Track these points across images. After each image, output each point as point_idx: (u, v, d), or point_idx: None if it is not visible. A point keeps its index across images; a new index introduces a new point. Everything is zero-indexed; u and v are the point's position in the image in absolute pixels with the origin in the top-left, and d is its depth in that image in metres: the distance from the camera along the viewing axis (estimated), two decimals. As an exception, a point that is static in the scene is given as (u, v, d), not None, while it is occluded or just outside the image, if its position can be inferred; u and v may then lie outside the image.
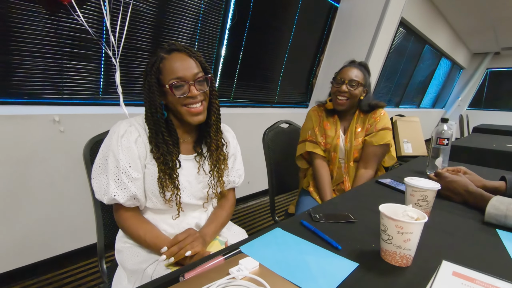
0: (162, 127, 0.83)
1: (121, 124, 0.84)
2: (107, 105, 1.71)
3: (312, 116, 1.45)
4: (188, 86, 0.81)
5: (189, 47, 0.86)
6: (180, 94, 0.81)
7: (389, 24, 2.98)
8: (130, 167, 0.81)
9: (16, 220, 1.47)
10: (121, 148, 0.81)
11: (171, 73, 0.81)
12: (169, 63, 0.81)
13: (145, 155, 0.85)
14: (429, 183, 0.80)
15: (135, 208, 0.88)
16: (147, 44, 1.80)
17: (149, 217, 0.90)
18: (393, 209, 0.61)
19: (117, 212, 0.87)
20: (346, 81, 1.30)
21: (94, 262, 1.75)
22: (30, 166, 1.46)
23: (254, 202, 2.83)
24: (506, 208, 0.77)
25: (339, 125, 1.39)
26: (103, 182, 0.82)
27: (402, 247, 0.56)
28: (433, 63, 6.24)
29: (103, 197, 0.82)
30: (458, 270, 0.53)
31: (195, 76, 0.82)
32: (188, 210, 0.93)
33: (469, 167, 1.48)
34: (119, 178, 0.80)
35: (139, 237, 0.84)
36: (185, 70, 0.81)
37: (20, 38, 1.37)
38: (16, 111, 1.37)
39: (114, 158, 0.80)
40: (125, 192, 0.81)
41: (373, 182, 1.15)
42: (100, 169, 0.82)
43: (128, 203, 0.83)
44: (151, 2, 1.73)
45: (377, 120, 1.35)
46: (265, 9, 2.40)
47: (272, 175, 1.51)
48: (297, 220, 0.77)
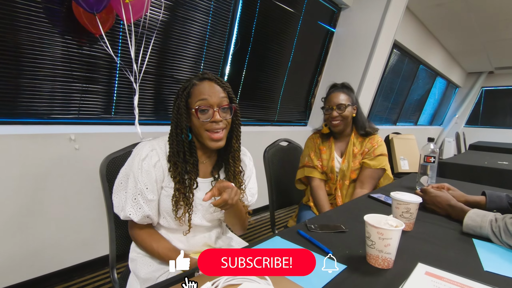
0: (185, 147, 0.89)
1: (144, 148, 0.91)
2: (118, 124, 1.83)
3: (309, 144, 1.59)
4: (212, 111, 0.87)
5: (220, 78, 0.93)
6: (204, 118, 0.87)
7: (383, 46, 3.16)
8: (147, 189, 0.87)
9: (30, 232, 1.56)
10: (141, 170, 0.87)
11: (199, 97, 0.88)
12: (199, 88, 0.89)
13: (162, 179, 0.90)
14: (412, 197, 0.90)
15: (149, 224, 0.94)
16: (156, 67, 1.95)
17: (161, 233, 0.96)
18: (377, 219, 0.71)
19: (131, 227, 0.94)
20: (334, 107, 1.43)
21: (102, 275, 1.81)
22: (47, 181, 1.56)
23: (255, 217, 2.89)
24: (481, 220, 0.86)
25: (333, 148, 1.51)
26: (122, 198, 0.89)
27: (384, 251, 0.66)
28: (428, 82, 6.44)
29: (120, 213, 0.90)
30: (430, 270, 0.62)
31: (220, 103, 0.88)
32: (198, 230, 0.98)
33: (460, 183, 1.58)
34: (135, 198, 0.87)
35: (153, 250, 0.91)
36: (212, 96, 0.87)
37: (44, 64, 1.51)
38: (36, 131, 1.49)
39: (134, 179, 0.87)
40: (139, 212, 0.88)
41: (366, 197, 1.25)
42: (121, 186, 0.90)
43: (142, 221, 0.89)
44: (160, 29, 1.89)
45: (375, 146, 1.46)
46: (266, 34, 2.58)
47: (272, 190, 1.60)
48: (294, 230, 0.86)
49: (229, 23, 2.27)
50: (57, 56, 1.53)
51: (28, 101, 1.52)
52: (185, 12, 1.98)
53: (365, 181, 1.44)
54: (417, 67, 5.41)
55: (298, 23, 2.78)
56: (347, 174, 1.47)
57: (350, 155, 1.48)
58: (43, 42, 1.47)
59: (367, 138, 1.50)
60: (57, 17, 1.47)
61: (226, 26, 2.27)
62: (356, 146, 1.49)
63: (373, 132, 1.51)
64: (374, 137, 1.50)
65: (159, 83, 2.02)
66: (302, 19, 2.78)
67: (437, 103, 7.67)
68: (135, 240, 0.96)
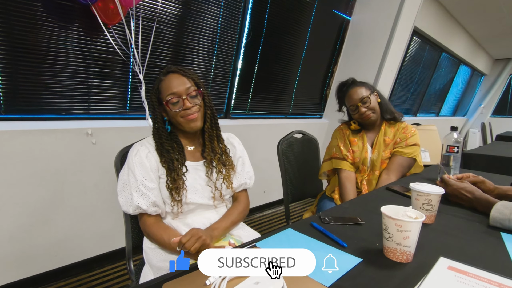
0: (164, 138, 0.98)
1: (135, 147, 0.99)
2: (133, 118, 1.86)
3: (337, 135, 1.53)
4: (182, 100, 0.96)
5: (183, 68, 1.01)
6: (176, 109, 0.96)
7: (401, 34, 3.02)
8: (146, 180, 0.94)
9: (52, 224, 1.62)
10: (136, 164, 0.94)
11: (167, 91, 0.96)
12: (165, 83, 0.97)
13: (156, 168, 0.98)
14: (433, 188, 0.85)
15: (157, 216, 0.98)
16: (169, 61, 1.95)
17: (169, 219, 1.01)
18: (395, 210, 0.67)
19: (141, 220, 0.98)
20: (359, 104, 1.39)
21: (119, 266, 1.86)
22: (66, 175, 1.61)
23: (270, 211, 2.88)
24: (510, 212, 0.80)
25: (365, 139, 1.45)
26: (128, 196, 0.94)
27: (402, 244, 0.62)
28: (451, 71, 6.14)
29: (128, 209, 0.94)
30: (453, 265, 0.58)
31: (187, 91, 0.96)
32: (201, 210, 1.03)
33: (486, 175, 1.49)
34: (139, 190, 0.93)
35: (164, 241, 0.93)
36: (179, 86, 0.96)
37: (61, 61, 1.54)
38: (55, 126, 1.53)
39: (133, 174, 0.94)
40: (146, 199, 0.93)
41: (383, 189, 1.20)
42: (125, 186, 0.95)
43: (151, 209, 0.94)
44: (172, 23, 1.89)
45: (409, 136, 1.41)
46: (279, 24, 2.52)
47: (286, 183, 1.57)
48: (307, 222, 0.83)
49: (241, 14, 2.23)
50: (73, 53, 1.56)
51: (47, 98, 1.56)
52: (197, 4, 1.97)
53: (393, 168, 1.39)
54: (439, 55, 5.15)
55: (312, 11, 2.70)
56: (377, 164, 1.42)
57: (381, 144, 1.43)
58: (61, 40, 1.50)
59: (400, 127, 1.44)
60: (70, 13, 1.50)
61: (238, 18, 2.23)
62: (388, 135, 1.44)
63: (400, 117, 1.46)
64: (407, 126, 1.45)
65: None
66: (316, 7, 2.70)
67: (460, 93, 7.31)
68: (146, 232, 0.99)
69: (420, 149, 1.40)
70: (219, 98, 2.37)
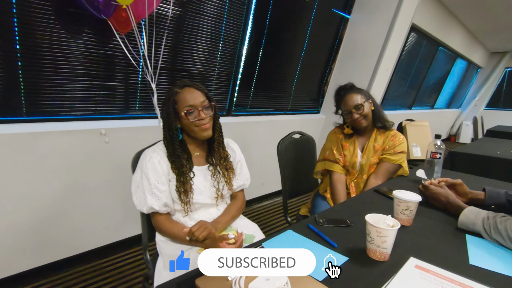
0: (177, 145, 1.10)
1: (147, 153, 1.11)
2: (143, 118, 1.98)
3: (331, 138, 1.63)
4: (198, 111, 1.08)
5: (196, 83, 1.13)
6: (192, 119, 1.08)
7: (399, 33, 3.10)
8: (158, 183, 1.07)
9: (68, 216, 1.76)
10: (149, 169, 1.07)
11: (184, 103, 1.07)
12: (182, 95, 1.08)
13: (167, 172, 1.11)
14: (412, 196, 0.99)
15: (167, 214, 1.13)
16: (175, 63, 2.05)
17: (178, 216, 1.15)
18: (376, 218, 0.81)
19: (154, 218, 1.13)
20: (353, 110, 1.48)
21: (129, 253, 2.02)
22: (82, 171, 1.74)
23: (268, 202, 3.05)
24: (475, 217, 0.95)
25: (356, 144, 1.56)
26: (141, 197, 1.08)
27: (381, 246, 0.77)
28: (447, 64, 6.24)
29: (143, 208, 1.08)
30: (420, 264, 0.73)
31: (202, 103, 1.09)
32: (206, 208, 1.18)
33: (467, 177, 1.64)
34: (152, 192, 1.06)
35: (174, 234, 1.08)
36: (195, 100, 1.08)
37: (76, 65, 1.64)
38: (71, 127, 1.65)
39: (147, 178, 1.06)
40: (158, 201, 1.07)
41: (372, 191, 1.35)
42: (139, 188, 1.09)
43: (162, 209, 1.08)
44: (179, 26, 1.97)
45: (397, 144, 1.52)
46: (280, 26, 2.60)
47: (285, 181, 1.71)
48: (305, 224, 0.98)
49: (243, 17, 2.31)
50: (88, 57, 1.66)
51: (64, 100, 1.67)
52: (201, 7, 2.04)
53: (380, 173, 1.52)
54: (435, 49, 5.24)
55: (312, 12, 2.77)
56: (365, 169, 1.54)
57: (371, 150, 1.54)
58: (75, 46, 1.60)
59: (389, 135, 1.54)
60: (85, 20, 1.58)
61: (241, 20, 2.31)
62: (377, 142, 1.54)
63: (390, 126, 1.57)
64: (396, 134, 1.55)
65: (175, 78, 2.11)
66: (316, 7, 2.77)
67: (456, 86, 7.43)
68: (158, 228, 1.14)
69: (405, 156, 1.54)
70: (222, 96, 2.48)
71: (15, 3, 1.38)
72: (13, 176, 1.52)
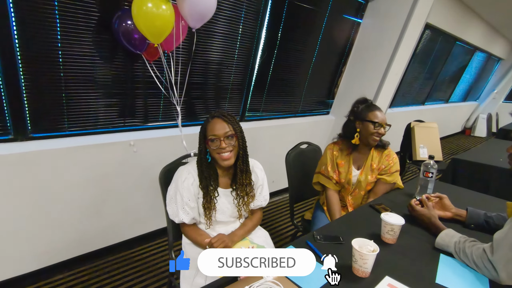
0: (205, 166, 1.27)
1: (183, 172, 1.29)
2: (166, 127, 2.22)
3: (327, 154, 1.70)
4: (219, 141, 1.21)
5: (226, 114, 1.26)
6: (214, 146, 1.22)
7: (411, 35, 3.11)
8: (189, 201, 1.27)
9: (102, 215, 2.03)
10: (183, 189, 1.26)
11: (210, 132, 1.23)
12: (211, 125, 1.24)
13: (197, 192, 1.30)
14: (397, 219, 1.16)
15: (194, 224, 1.35)
16: (197, 76, 2.24)
17: (201, 226, 1.37)
18: (361, 242, 1.00)
19: (182, 227, 1.36)
20: (384, 125, 1.58)
21: (154, 245, 2.30)
22: (114, 178, 1.99)
23: (277, 198, 3.27)
24: (449, 240, 1.12)
25: (351, 162, 1.67)
26: (174, 209, 1.29)
27: (363, 266, 0.96)
28: (464, 59, 6.10)
29: (175, 219, 1.31)
30: (392, 282, 0.92)
31: (225, 134, 1.21)
32: (226, 224, 1.39)
33: (458, 191, 1.78)
34: (184, 208, 1.28)
35: (197, 242, 1.31)
36: (219, 130, 1.21)
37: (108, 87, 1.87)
38: (104, 140, 1.89)
39: (180, 195, 1.27)
40: (188, 216, 1.28)
41: (367, 206, 1.53)
42: (172, 200, 1.30)
43: (190, 221, 1.30)
44: (200, 43, 2.13)
45: (391, 164, 1.65)
46: (292, 34, 2.71)
47: (292, 187, 1.91)
48: (304, 240, 1.18)
49: (257, 30, 2.44)
50: (118, 78, 1.88)
51: (96, 115, 1.90)
52: (216, 22, 2.18)
53: (379, 193, 1.67)
54: (452, 45, 5.15)
55: (324, 19, 2.85)
56: (363, 185, 1.66)
57: (368, 168, 1.66)
58: (108, 69, 1.82)
59: (384, 154, 1.67)
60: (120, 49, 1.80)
61: (255, 33, 2.44)
62: (374, 161, 1.66)
63: (387, 145, 1.69)
64: (390, 153, 1.68)
65: (192, 89, 2.30)
66: (328, 15, 2.84)
67: (473, 78, 7.26)
68: (186, 235, 1.37)
69: (398, 173, 1.69)
70: (236, 103, 2.66)
71: (59, 31, 1.58)
72: (63, 182, 1.79)
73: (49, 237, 1.85)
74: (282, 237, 2.51)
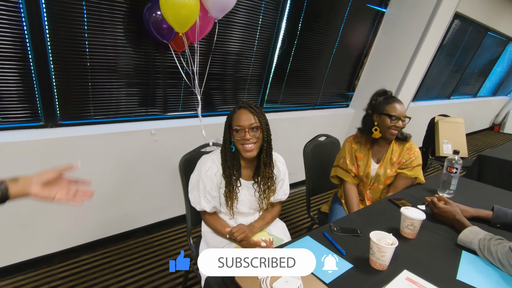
0: (228, 155, 1.27)
1: (207, 161, 1.29)
2: (185, 117, 2.26)
3: (346, 147, 1.68)
4: (244, 132, 1.20)
5: (252, 105, 1.25)
6: (238, 137, 1.21)
7: (439, 26, 2.97)
8: (211, 190, 1.28)
9: (124, 200, 2.11)
10: (206, 178, 1.27)
11: (236, 122, 1.22)
12: (237, 115, 1.23)
13: (220, 181, 1.30)
14: (417, 214, 1.14)
15: (215, 212, 1.38)
16: (216, 67, 2.25)
17: (222, 215, 1.40)
18: (379, 235, 0.99)
19: (203, 215, 1.39)
20: (403, 118, 1.52)
21: (173, 231, 2.38)
22: (134, 165, 2.06)
23: (293, 190, 3.27)
24: (473, 237, 1.09)
25: (370, 155, 1.64)
26: (196, 196, 1.32)
27: (380, 259, 0.95)
28: (496, 51, 5.76)
29: (196, 206, 1.33)
30: (411, 276, 0.91)
31: (250, 125, 1.20)
32: (246, 215, 1.40)
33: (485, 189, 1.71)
34: (206, 196, 1.30)
35: (217, 230, 1.34)
36: (244, 121, 1.20)
37: (132, 76, 1.91)
38: (127, 128, 1.95)
39: (203, 184, 1.28)
40: (209, 204, 1.31)
41: (386, 200, 1.50)
42: (194, 187, 1.32)
43: (211, 210, 1.32)
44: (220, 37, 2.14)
45: (412, 158, 1.59)
46: (313, 25, 2.65)
47: (309, 180, 1.90)
48: (321, 231, 1.18)
49: (277, 21, 2.41)
50: (145, 68, 1.93)
51: (119, 104, 1.96)
52: (236, 14, 2.18)
53: (399, 187, 1.62)
54: (483, 35, 4.86)
55: (346, 9, 2.78)
56: (382, 179, 1.63)
57: (388, 162, 1.61)
58: (130, 56, 1.86)
59: (405, 147, 1.61)
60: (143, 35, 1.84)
61: (275, 24, 2.41)
62: (394, 154, 1.60)
63: (409, 137, 1.63)
64: (412, 147, 1.61)
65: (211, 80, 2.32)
66: (350, 4, 2.76)
67: (505, 72, 6.84)
68: (207, 223, 1.40)
69: (421, 168, 1.63)
70: (254, 95, 2.66)
71: (86, 23, 1.63)
72: (89, 168, 1.88)
73: (76, 220, 1.95)
74: (298, 229, 2.51)
